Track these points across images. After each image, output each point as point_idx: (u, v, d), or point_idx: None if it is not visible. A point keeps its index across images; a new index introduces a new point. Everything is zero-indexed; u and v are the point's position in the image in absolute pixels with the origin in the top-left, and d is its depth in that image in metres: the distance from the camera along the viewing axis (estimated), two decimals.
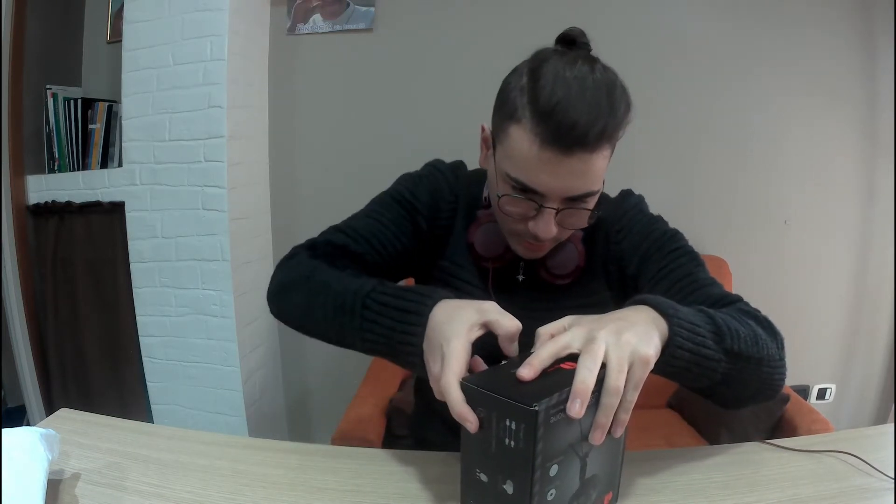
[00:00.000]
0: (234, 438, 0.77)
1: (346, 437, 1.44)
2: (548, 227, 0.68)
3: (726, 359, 0.59)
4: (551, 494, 0.48)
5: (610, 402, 0.48)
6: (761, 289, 1.91)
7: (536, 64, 0.65)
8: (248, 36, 1.81)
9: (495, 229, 0.79)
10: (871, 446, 0.68)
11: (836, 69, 1.85)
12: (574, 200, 0.67)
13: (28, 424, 0.78)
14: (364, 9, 1.91)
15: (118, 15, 1.95)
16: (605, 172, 0.68)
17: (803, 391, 2.04)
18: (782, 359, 0.67)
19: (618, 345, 0.49)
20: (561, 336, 0.52)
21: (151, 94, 1.74)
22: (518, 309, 0.82)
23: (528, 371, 0.48)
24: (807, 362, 2.03)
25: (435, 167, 0.87)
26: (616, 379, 0.47)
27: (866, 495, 0.59)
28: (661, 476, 0.64)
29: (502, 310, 0.57)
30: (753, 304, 0.72)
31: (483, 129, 0.76)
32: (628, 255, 0.80)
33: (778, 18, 1.83)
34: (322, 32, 1.94)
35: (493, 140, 0.72)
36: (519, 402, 0.45)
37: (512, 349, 0.56)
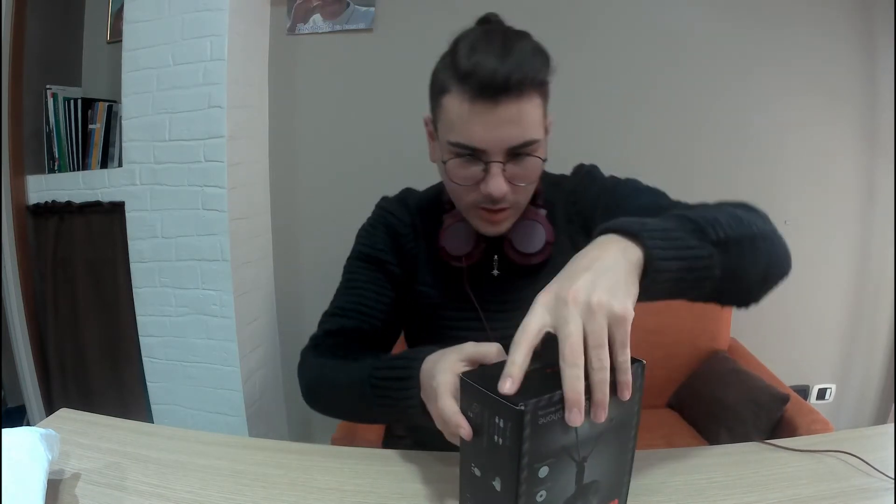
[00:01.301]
0: (234, 438, 0.77)
1: (346, 437, 1.44)
2: (498, 183, 0.70)
3: (717, 251, 0.55)
4: (541, 496, 0.47)
5: (601, 377, 0.45)
6: None
7: (454, 42, 0.72)
8: (248, 36, 1.81)
9: (462, 227, 0.81)
10: (871, 446, 0.67)
11: (836, 69, 1.85)
12: (517, 155, 0.70)
13: (28, 424, 0.78)
14: (364, 9, 1.91)
15: (118, 15, 1.95)
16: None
17: (803, 391, 2.04)
18: (776, 230, 0.66)
19: (591, 314, 0.45)
20: (528, 321, 0.47)
21: (151, 94, 1.74)
22: (499, 303, 0.83)
23: (509, 384, 0.45)
24: (807, 362, 2.03)
25: (383, 208, 0.90)
26: (599, 359, 0.45)
27: (866, 495, 0.59)
28: (661, 476, 0.64)
29: (478, 342, 0.58)
30: (753, 304, 0.71)
31: (427, 123, 0.80)
32: (589, 214, 0.82)
33: (778, 18, 1.83)
34: (322, 32, 1.94)
35: (435, 124, 0.76)
36: (507, 400, 0.44)
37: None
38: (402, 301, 0.88)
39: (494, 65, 0.65)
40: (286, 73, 1.97)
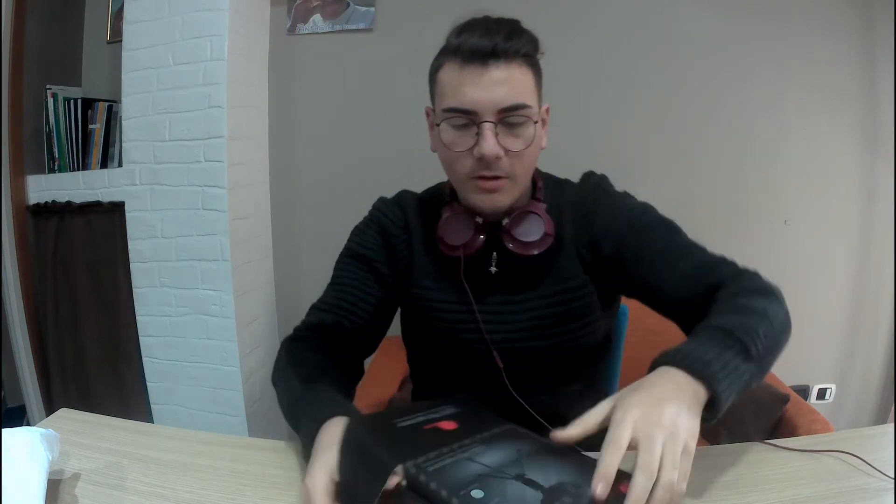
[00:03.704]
0: (234, 438, 0.77)
1: None
2: (490, 143, 0.72)
3: (755, 365, 0.61)
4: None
5: (663, 495, 0.47)
6: None
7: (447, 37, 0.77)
8: (248, 36, 1.81)
9: (461, 217, 0.82)
10: (871, 446, 0.67)
11: (836, 69, 1.85)
12: (510, 123, 0.73)
13: (28, 424, 0.78)
14: (364, 9, 1.91)
15: (118, 15, 1.95)
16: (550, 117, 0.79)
17: (803, 391, 2.04)
18: (786, 308, 0.70)
19: (673, 441, 0.49)
20: (621, 434, 0.50)
21: (151, 94, 1.74)
22: (497, 304, 0.83)
23: (602, 488, 0.46)
24: (807, 362, 2.03)
25: (378, 209, 0.92)
26: (670, 477, 0.47)
27: (866, 495, 0.59)
28: None
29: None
30: None
31: (428, 114, 0.83)
32: (600, 237, 0.82)
33: (778, 18, 1.83)
34: (322, 32, 1.94)
35: (433, 105, 0.80)
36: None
37: None
38: (388, 301, 0.88)
39: (482, 33, 0.71)
40: (286, 73, 1.97)
